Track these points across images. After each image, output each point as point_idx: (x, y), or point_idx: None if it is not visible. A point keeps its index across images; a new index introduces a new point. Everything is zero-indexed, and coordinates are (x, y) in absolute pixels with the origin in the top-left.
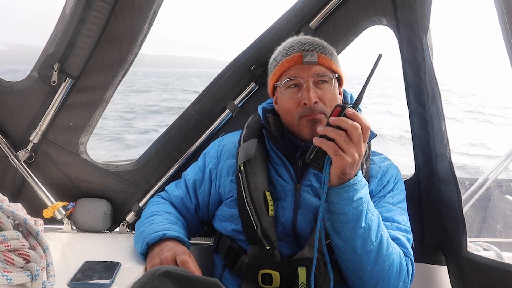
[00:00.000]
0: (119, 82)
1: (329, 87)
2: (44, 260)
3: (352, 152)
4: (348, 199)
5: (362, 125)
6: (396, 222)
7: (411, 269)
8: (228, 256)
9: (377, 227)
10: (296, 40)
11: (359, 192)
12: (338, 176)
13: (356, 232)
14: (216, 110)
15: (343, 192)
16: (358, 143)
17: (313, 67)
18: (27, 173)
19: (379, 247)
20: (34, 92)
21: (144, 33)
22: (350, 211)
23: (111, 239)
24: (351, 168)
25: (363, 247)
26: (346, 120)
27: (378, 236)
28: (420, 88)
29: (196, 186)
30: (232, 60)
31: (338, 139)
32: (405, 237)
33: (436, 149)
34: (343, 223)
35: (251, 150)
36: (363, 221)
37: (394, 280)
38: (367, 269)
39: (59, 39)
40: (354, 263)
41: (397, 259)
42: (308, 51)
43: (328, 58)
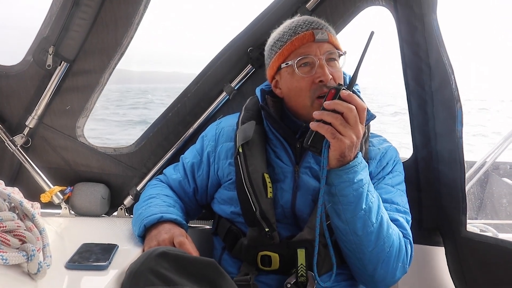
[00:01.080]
0: (115, 65)
1: (335, 65)
2: (40, 241)
3: (350, 134)
4: (349, 181)
5: (357, 106)
6: (395, 204)
7: (410, 250)
8: (227, 239)
9: (377, 209)
10: (302, 19)
11: (360, 174)
12: (337, 159)
13: (356, 214)
14: (213, 93)
15: (343, 174)
16: (355, 125)
17: (324, 45)
18: (24, 158)
19: (380, 229)
20: (30, 76)
21: (140, 15)
22: (350, 193)
23: (109, 223)
24: (350, 150)
25: (363, 229)
26: (341, 103)
27: (379, 218)
28: (420, 68)
29: (194, 169)
30: (228, 43)
31: (335, 122)
32: (404, 218)
33: (436, 128)
34: (343, 205)
35: (250, 132)
36: (363, 203)
37: (394, 261)
38: (367, 250)
39: (53, 22)
40: (354, 245)
41: (397, 240)
42: (318, 29)
43: (333, 36)
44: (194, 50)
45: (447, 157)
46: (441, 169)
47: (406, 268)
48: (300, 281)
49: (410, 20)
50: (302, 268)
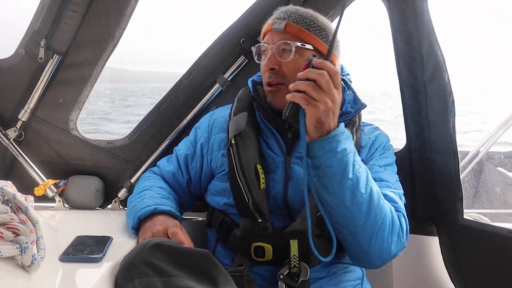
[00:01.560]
0: (108, 57)
1: (289, 56)
2: (34, 234)
3: (324, 99)
4: (332, 151)
5: (329, 71)
6: (384, 181)
7: (405, 224)
8: (221, 230)
9: (366, 180)
10: (280, 8)
11: (342, 143)
12: (314, 126)
13: (344, 184)
14: (206, 84)
15: (326, 144)
16: (328, 90)
17: (278, 34)
18: (17, 152)
19: (370, 199)
20: (21, 70)
21: (132, 7)
22: (335, 163)
23: (103, 216)
24: (327, 116)
25: (352, 200)
26: (313, 70)
27: (368, 188)
28: (412, 58)
29: (187, 161)
30: (221, 34)
31: (307, 89)
32: (395, 193)
33: (430, 117)
34: (330, 177)
35: (242, 123)
36: (350, 172)
37: (388, 235)
38: (359, 223)
39: (44, 15)
40: (345, 218)
41: (389, 213)
42: (279, 19)
43: (298, 27)
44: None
45: (441, 146)
46: (434, 158)
47: (403, 242)
48: (293, 272)
49: (402, 9)
50: (295, 258)
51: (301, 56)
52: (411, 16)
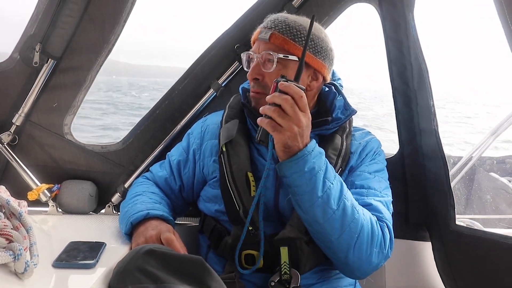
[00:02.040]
0: (102, 62)
1: (271, 67)
2: (27, 240)
3: (289, 125)
4: (300, 171)
5: (293, 96)
6: (371, 189)
7: (388, 235)
8: (212, 237)
9: (338, 195)
10: (270, 16)
11: (310, 162)
12: (282, 150)
13: (314, 203)
14: (200, 89)
15: (292, 165)
16: (293, 115)
17: (263, 44)
18: (10, 156)
19: (343, 215)
20: (16, 74)
21: (127, 13)
22: (303, 183)
23: (96, 221)
24: (294, 140)
25: (324, 216)
26: (278, 95)
27: (340, 204)
28: (403, 65)
29: (180, 167)
30: (215, 39)
31: (273, 115)
32: (381, 202)
33: (420, 125)
34: (299, 195)
35: (233, 131)
36: (319, 191)
37: (367, 247)
38: (333, 238)
39: (40, 20)
40: (320, 234)
41: (367, 225)
42: (266, 28)
43: (283, 37)
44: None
45: (431, 153)
46: (426, 164)
47: (386, 253)
48: (284, 278)
49: (394, 17)
50: (285, 265)
51: (285, 67)
52: (402, 24)
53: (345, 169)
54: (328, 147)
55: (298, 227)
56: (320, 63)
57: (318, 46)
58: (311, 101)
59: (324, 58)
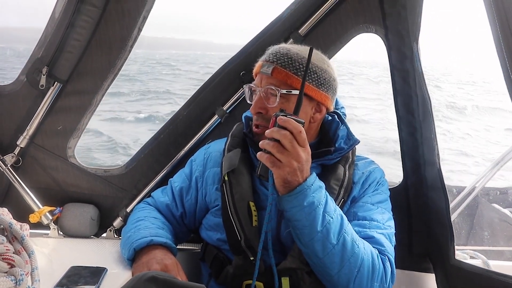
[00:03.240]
0: (108, 86)
1: (274, 101)
2: (29, 265)
3: (288, 160)
4: (299, 206)
5: (292, 131)
6: (374, 221)
7: (390, 268)
8: (214, 266)
9: (338, 229)
10: (271, 48)
11: (310, 196)
12: (282, 185)
13: (313, 237)
14: (205, 115)
15: (292, 200)
16: (292, 150)
17: (266, 78)
18: (13, 178)
19: (343, 249)
20: (22, 96)
21: (134, 38)
22: (303, 217)
23: (97, 245)
24: (293, 175)
25: (323, 251)
26: (276, 130)
27: (340, 239)
28: (409, 96)
29: (182, 194)
30: (221, 66)
31: (272, 150)
32: (383, 235)
33: (425, 156)
34: (299, 229)
35: (235, 160)
36: (318, 225)
37: (367, 282)
38: (333, 272)
39: (48, 43)
40: (320, 268)
41: (368, 259)
42: (267, 62)
43: (285, 72)
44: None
45: (433, 185)
46: (430, 195)
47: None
48: None
49: (400, 48)
50: None
51: (288, 101)
52: (408, 55)
53: (347, 199)
54: (330, 177)
55: (299, 258)
56: (323, 95)
57: (321, 78)
58: (315, 132)
59: (327, 89)
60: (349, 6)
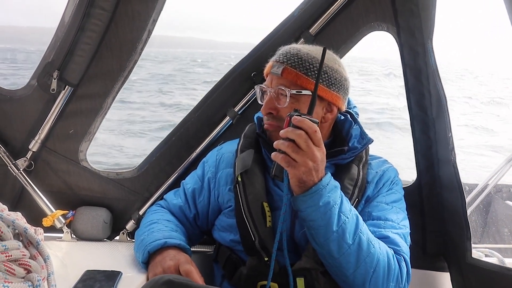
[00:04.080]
0: (119, 89)
1: (284, 101)
2: (45, 270)
3: (304, 159)
4: (314, 205)
5: (307, 130)
6: (389, 220)
7: (405, 268)
8: (227, 267)
9: (354, 229)
10: (282, 49)
11: (325, 196)
12: (297, 185)
13: (329, 237)
14: (216, 117)
15: (307, 199)
16: (308, 150)
17: (276, 79)
18: (26, 182)
19: (358, 249)
20: (33, 100)
21: (144, 41)
22: (318, 217)
23: (111, 248)
24: (309, 175)
25: (339, 251)
26: (291, 130)
27: (356, 238)
28: (422, 94)
29: (195, 195)
30: (232, 67)
31: (287, 150)
32: (398, 234)
33: (438, 154)
34: (314, 229)
35: (248, 161)
36: (334, 225)
37: (383, 282)
38: (349, 273)
39: (58, 47)
40: (335, 268)
41: (384, 259)
42: (277, 62)
43: (295, 72)
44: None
45: (448, 184)
46: (444, 194)
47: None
48: None
49: (412, 45)
50: None
51: (298, 101)
52: (421, 52)
53: (361, 199)
54: (344, 177)
55: (314, 258)
56: (334, 95)
57: (332, 78)
58: (327, 132)
59: (339, 89)
60: (360, 4)
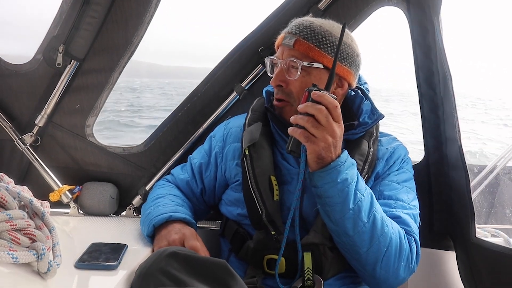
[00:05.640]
0: (125, 64)
1: (295, 74)
2: (50, 240)
3: (323, 135)
4: (332, 182)
5: (328, 106)
6: (400, 200)
7: (415, 249)
8: (234, 241)
9: (369, 207)
10: (295, 21)
11: (343, 173)
12: (315, 161)
13: (345, 214)
14: (223, 92)
15: (325, 175)
16: (328, 125)
17: (288, 50)
18: (33, 157)
19: (373, 228)
20: (39, 75)
21: (151, 14)
22: (335, 194)
23: (117, 223)
24: (328, 151)
25: (354, 229)
26: (311, 105)
27: (371, 217)
28: (431, 71)
29: (202, 170)
30: (239, 42)
31: (306, 125)
32: (409, 215)
33: (446, 133)
34: (330, 206)
35: (256, 134)
36: (351, 202)
37: (395, 261)
38: (362, 251)
39: (63, 21)
40: (348, 246)
41: (396, 238)
42: (290, 33)
43: (308, 44)
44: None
45: (455, 163)
46: (451, 174)
47: (412, 268)
48: (307, 284)
49: (422, 21)
50: (308, 271)
51: (309, 74)
52: (430, 29)
53: (371, 175)
54: (354, 152)
55: (322, 233)
56: (346, 70)
57: (344, 52)
58: None
59: (350, 64)
60: None
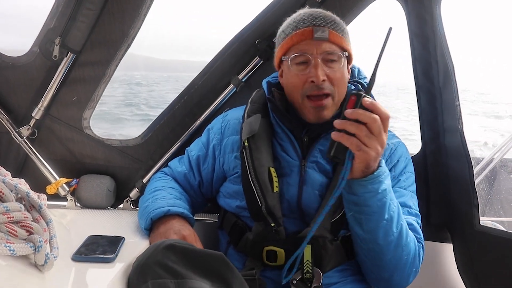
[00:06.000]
0: (122, 56)
1: (338, 65)
2: (47, 232)
3: (375, 145)
4: (374, 191)
5: (381, 116)
6: (407, 207)
7: (422, 255)
8: (233, 233)
9: (397, 217)
10: (307, 13)
11: (384, 183)
12: (362, 170)
13: (379, 224)
14: (220, 85)
15: (367, 185)
16: (379, 135)
17: (323, 44)
18: (30, 150)
19: (399, 237)
20: (36, 67)
21: (147, 6)
22: (374, 203)
23: (115, 215)
24: (375, 162)
25: (384, 238)
26: (365, 113)
27: (399, 226)
28: (429, 63)
29: (199, 162)
30: (236, 34)
31: (359, 134)
32: (417, 222)
33: (445, 124)
34: (367, 215)
35: (255, 125)
36: (386, 213)
37: (410, 268)
38: (386, 258)
39: (60, 13)
40: (374, 253)
41: (413, 247)
42: (319, 26)
43: (339, 35)
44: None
45: (455, 153)
46: (450, 164)
47: (418, 272)
48: (306, 277)
49: (420, 12)
50: (308, 264)
51: (343, 65)
52: (428, 20)
53: None
54: None
55: (323, 226)
56: (350, 46)
57: (345, 31)
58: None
59: (348, 39)
60: None
